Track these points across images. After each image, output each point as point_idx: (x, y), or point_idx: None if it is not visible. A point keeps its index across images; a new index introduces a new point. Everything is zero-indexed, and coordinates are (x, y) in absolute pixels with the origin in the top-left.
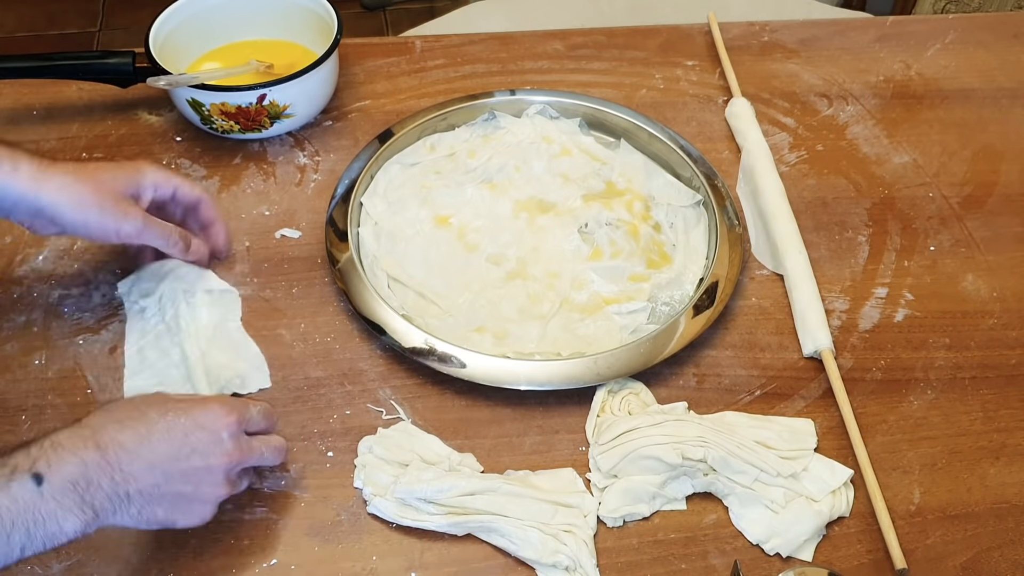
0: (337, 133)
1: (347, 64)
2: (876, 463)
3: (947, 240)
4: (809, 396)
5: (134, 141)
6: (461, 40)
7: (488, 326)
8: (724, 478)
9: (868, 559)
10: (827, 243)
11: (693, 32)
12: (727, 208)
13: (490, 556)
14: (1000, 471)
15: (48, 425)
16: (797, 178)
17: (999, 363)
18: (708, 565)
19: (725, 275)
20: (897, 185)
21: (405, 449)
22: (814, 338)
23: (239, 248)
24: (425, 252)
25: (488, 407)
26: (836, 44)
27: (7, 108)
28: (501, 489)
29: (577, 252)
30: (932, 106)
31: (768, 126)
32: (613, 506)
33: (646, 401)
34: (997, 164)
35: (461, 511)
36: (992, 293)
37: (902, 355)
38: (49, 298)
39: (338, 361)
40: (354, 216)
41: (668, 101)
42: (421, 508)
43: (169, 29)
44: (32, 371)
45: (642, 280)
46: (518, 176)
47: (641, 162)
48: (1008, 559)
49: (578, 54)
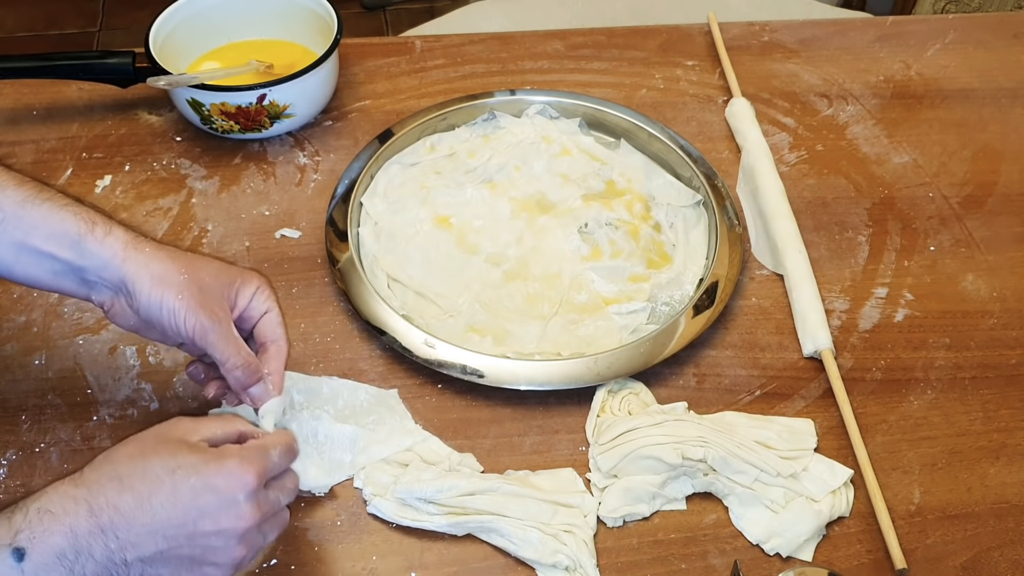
0: (337, 133)
1: (347, 64)
2: (876, 463)
3: (947, 240)
4: (809, 396)
5: (134, 141)
6: (461, 40)
7: (488, 326)
8: (724, 478)
9: (868, 559)
10: (827, 243)
11: (693, 32)
12: (727, 208)
13: (490, 556)
14: (1000, 471)
15: (48, 425)
16: (797, 178)
17: (999, 363)
18: (708, 565)
19: (725, 275)
20: (897, 185)
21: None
22: (814, 338)
23: (239, 248)
24: (425, 252)
25: (488, 407)
26: (836, 44)
27: (7, 108)
28: (501, 489)
29: (577, 252)
30: (932, 106)
31: (768, 126)
32: (613, 506)
33: (646, 401)
34: (997, 164)
35: (461, 511)
36: (992, 293)
37: (902, 355)
38: (49, 298)
39: (338, 361)
40: (354, 216)
41: (668, 101)
42: (421, 508)
43: (169, 29)
44: (32, 371)
45: (642, 280)
46: (518, 176)
47: (641, 162)
48: (1008, 559)
49: (578, 54)
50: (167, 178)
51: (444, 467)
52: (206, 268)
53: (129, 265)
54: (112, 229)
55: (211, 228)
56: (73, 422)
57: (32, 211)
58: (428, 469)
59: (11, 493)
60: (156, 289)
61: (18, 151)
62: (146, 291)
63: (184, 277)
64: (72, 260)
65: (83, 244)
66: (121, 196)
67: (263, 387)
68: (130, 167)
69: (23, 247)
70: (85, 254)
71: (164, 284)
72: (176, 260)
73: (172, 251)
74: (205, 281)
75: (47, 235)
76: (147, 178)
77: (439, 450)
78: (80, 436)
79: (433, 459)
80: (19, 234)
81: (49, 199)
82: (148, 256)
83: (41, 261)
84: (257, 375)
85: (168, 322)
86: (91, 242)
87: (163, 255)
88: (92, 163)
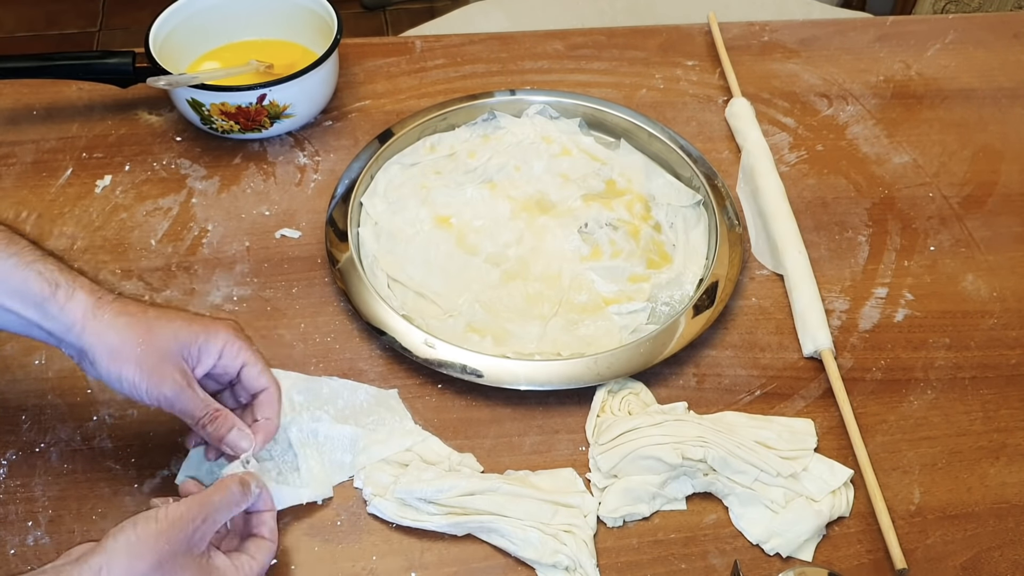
0: (337, 133)
1: (347, 64)
2: (876, 463)
3: (947, 240)
4: (809, 396)
5: (134, 141)
6: (461, 40)
7: (488, 326)
8: (724, 478)
9: (868, 559)
10: (827, 243)
11: (693, 32)
12: (727, 208)
13: (490, 556)
14: (1000, 471)
15: (48, 425)
16: (797, 178)
17: (999, 363)
18: (708, 565)
19: (725, 275)
20: (897, 185)
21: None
22: (814, 338)
23: (239, 248)
24: (425, 252)
25: (488, 407)
26: (836, 44)
27: (7, 108)
28: (501, 489)
29: (577, 252)
30: (932, 106)
31: (768, 126)
32: (613, 506)
33: (646, 401)
34: (997, 164)
35: (461, 511)
36: (992, 293)
37: (902, 355)
38: None
39: (338, 361)
40: (354, 216)
41: (668, 101)
42: (420, 508)
43: (169, 29)
44: (32, 371)
45: (642, 280)
46: (518, 176)
47: (641, 162)
48: (1008, 559)
49: (578, 54)
50: (167, 178)
51: (444, 467)
52: (165, 330)
53: (87, 336)
54: (74, 292)
55: (211, 228)
56: (73, 422)
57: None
58: (428, 469)
59: (11, 493)
60: (113, 364)
61: (18, 151)
62: (104, 364)
63: (140, 350)
64: (37, 320)
65: (45, 307)
66: (121, 196)
67: (238, 434)
68: (130, 167)
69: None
70: (47, 316)
71: (121, 359)
72: (134, 328)
73: (132, 315)
74: (164, 347)
75: (11, 292)
76: (147, 178)
77: (439, 450)
78: (80, 436)
79: (433, 459)
80: None
81: (16, 254)
82: (106, 326)
83: (8, 315)
84: (228, 425)
85: (130, 393)
86: (53, 306)
87: (121, 323)
88: (92, 163)
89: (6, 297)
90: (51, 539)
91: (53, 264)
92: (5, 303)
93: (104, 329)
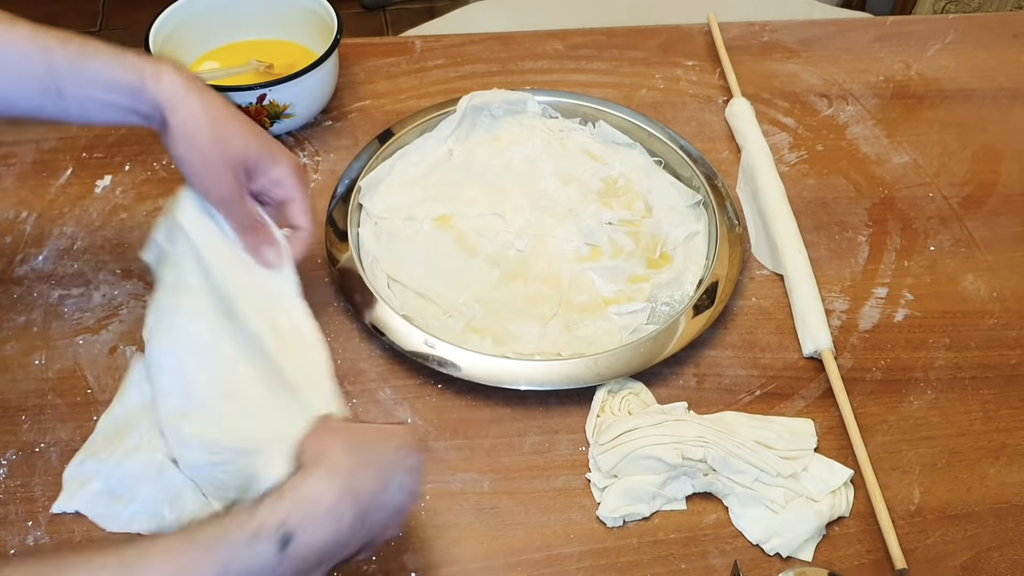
0: (337, 133)
1: (347, 64)
2: (876, 463)
3: (947, 240)
4: (809, 396)
5: (134, 141)
6: (461, 40)
7: (488, 326)
8: (724, 478)
9: (868, 559)
10: (827, 243)
11: (693, 32)
12: (727, 208)
13: (491, 556)
14: (1000, 471)
15: (48, 425)
16: (797, 178)
17: (999, 363)
18: (708, 565)
19: (725, 275)
20: (897, 185)
21: None
22: (814, 338)
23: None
24: (425, 252)
25: (488, 407)
26: (836, 44)
27: None
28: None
29: (577, 252)
30: (932, 106)
31: (768, 126)
32: (613, 506)
33: (646, 401)
34: (997, 164)
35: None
36: (992, 293)
37: (902, 355)
38: (49, 298)
39: (338, 361)
40: (354, 216)
41: (668, 101)
42: None
43: (169, 29)
44: (32, 371)
45: (642, 280)
46: (518, 176)
47: (641, 162)
48: (1008, 559)
49: (578, 54)
50: (167, 178)
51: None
52: (238, 139)
53: (170, 115)
54: (160, 73)
55: None
56: (73, 422)
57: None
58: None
59: (11, 493)
60: (184, 145)
61: (18, 151)
62: (179, 145)
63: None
64: (132, 105)
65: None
66: (121, 196)
67: (272, 250)
68: (130, 167)
69: (89, 100)
70: (141, 99)
71: (192, 148)
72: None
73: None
74: (232, 153)
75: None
76: (147, 178)
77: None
78: (80, 436)
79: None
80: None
81: (94, 53)
82: (189, 108)
83: (107, 109)
84: (265, 240)
85: (188, 176)
86: (145, 90)
87: (199, 112)
88: (92, 163)
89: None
90: (51, 539)
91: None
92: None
93: (185, 115)
